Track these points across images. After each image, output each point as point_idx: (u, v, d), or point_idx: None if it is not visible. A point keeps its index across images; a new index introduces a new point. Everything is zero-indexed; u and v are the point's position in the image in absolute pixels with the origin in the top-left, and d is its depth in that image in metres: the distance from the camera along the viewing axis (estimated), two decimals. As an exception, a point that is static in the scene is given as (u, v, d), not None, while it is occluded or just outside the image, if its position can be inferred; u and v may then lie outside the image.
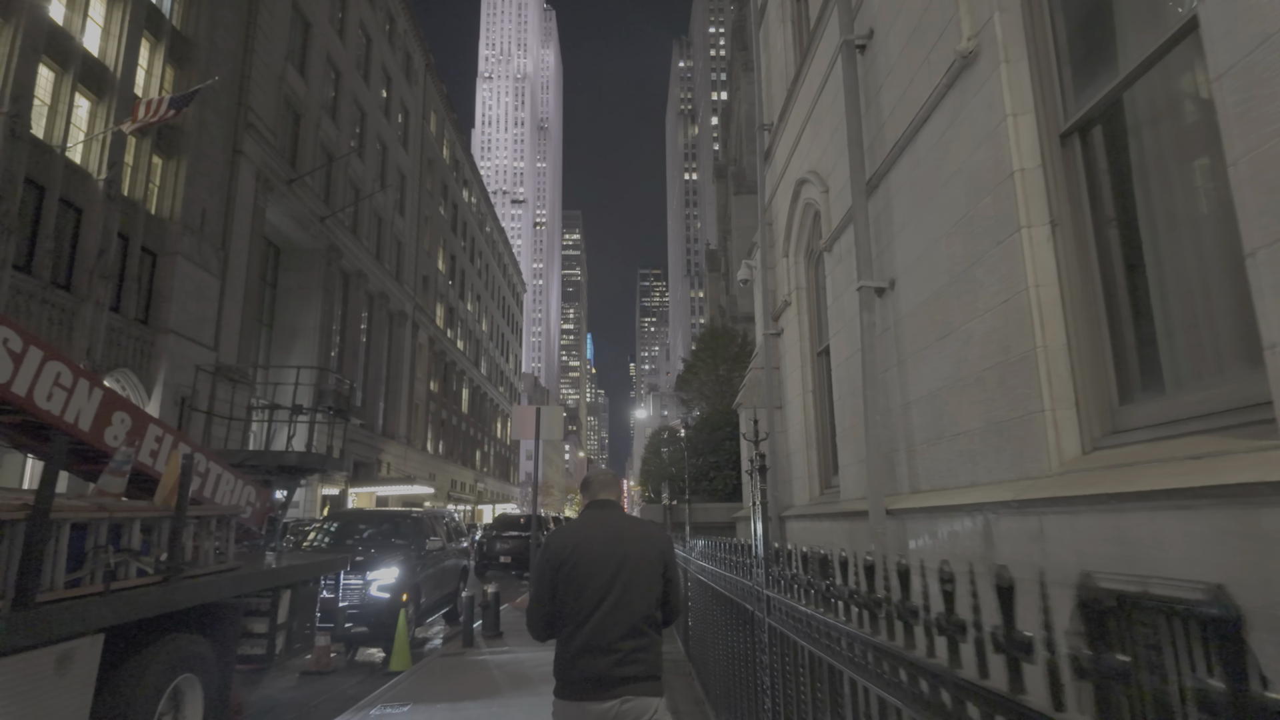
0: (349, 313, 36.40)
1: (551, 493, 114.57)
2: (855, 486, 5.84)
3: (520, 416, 10.76)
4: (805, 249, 7.85)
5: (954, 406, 4.23)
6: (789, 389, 8.23)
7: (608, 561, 2.82)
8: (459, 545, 11.87)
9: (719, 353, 26.46)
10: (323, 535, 9.28)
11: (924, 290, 4.64)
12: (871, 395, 4.96)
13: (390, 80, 42.68)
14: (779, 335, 8.55)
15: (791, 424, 8.14)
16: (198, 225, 23.38)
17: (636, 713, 2.69)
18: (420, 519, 9.43)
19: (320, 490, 32.10)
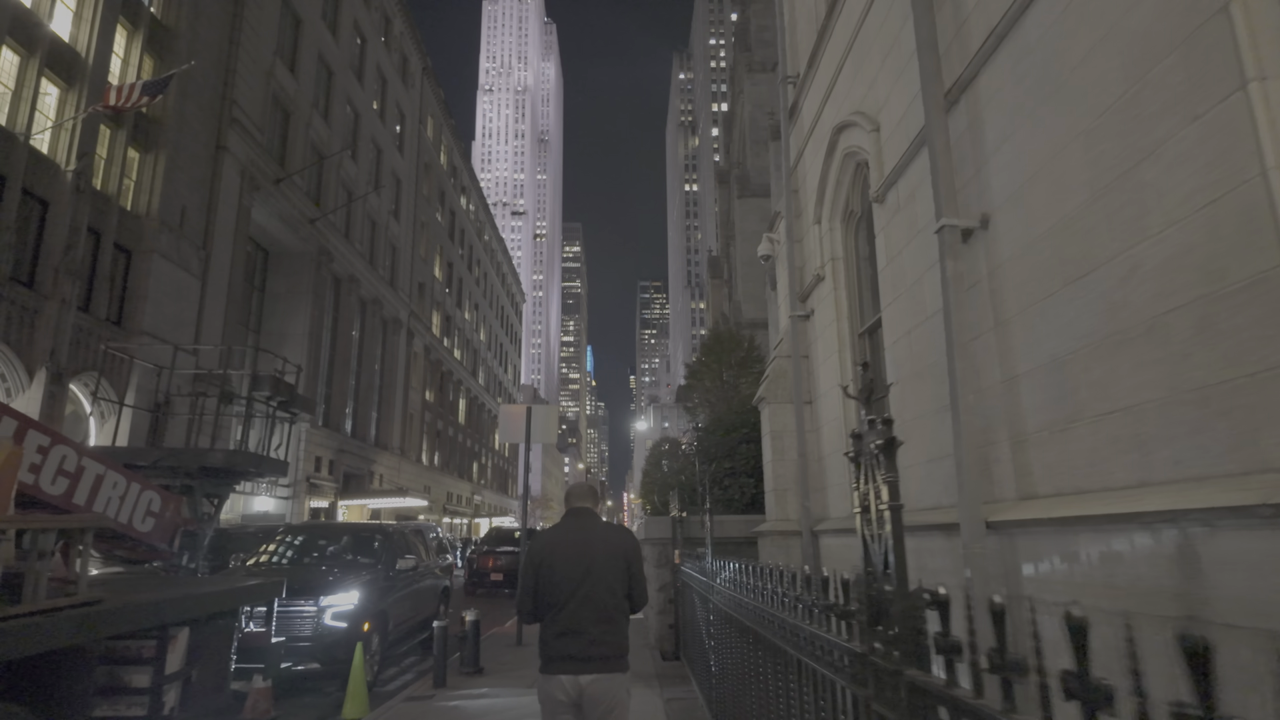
0: (340, 318, 35.20)
1: (550, 505, 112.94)
2: (926, 492, 4.57)
3: (509, 417, 9.51)
4: (843, 211, 6.61)
5: (1102, 374, 2.97)
6: (821, 380, 6.97)
7: (579, 561, 3.34)
8: (441, 562, 10.58)
9: (724, 358, 25.22)
10: (278, 553, 7.99)
11: (1042, 220, 3.39)
12: (962, 369, 3.70)
13: (386, 82, 41.72)
14: (808, 318, 7.30)
15: (825, 421, 6.88)
16: (176, 223, 22.21)
17: (603, 684, 3.22)
18: (391, 533, 8.14)
19: (308, 503, 30.76)
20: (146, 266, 20.93)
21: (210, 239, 23.95)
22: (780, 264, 7.84)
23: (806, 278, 7.32)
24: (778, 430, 7.17)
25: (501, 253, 77.43)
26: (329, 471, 32.98)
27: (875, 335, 6.26)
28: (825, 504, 6.85)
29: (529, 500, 65.90)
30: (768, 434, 7.33)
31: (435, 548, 10.62)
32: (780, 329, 7.91)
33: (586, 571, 3.32)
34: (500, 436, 9.01)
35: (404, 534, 8.61)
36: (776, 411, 7.22)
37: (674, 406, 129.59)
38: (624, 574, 3.40)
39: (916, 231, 4.71)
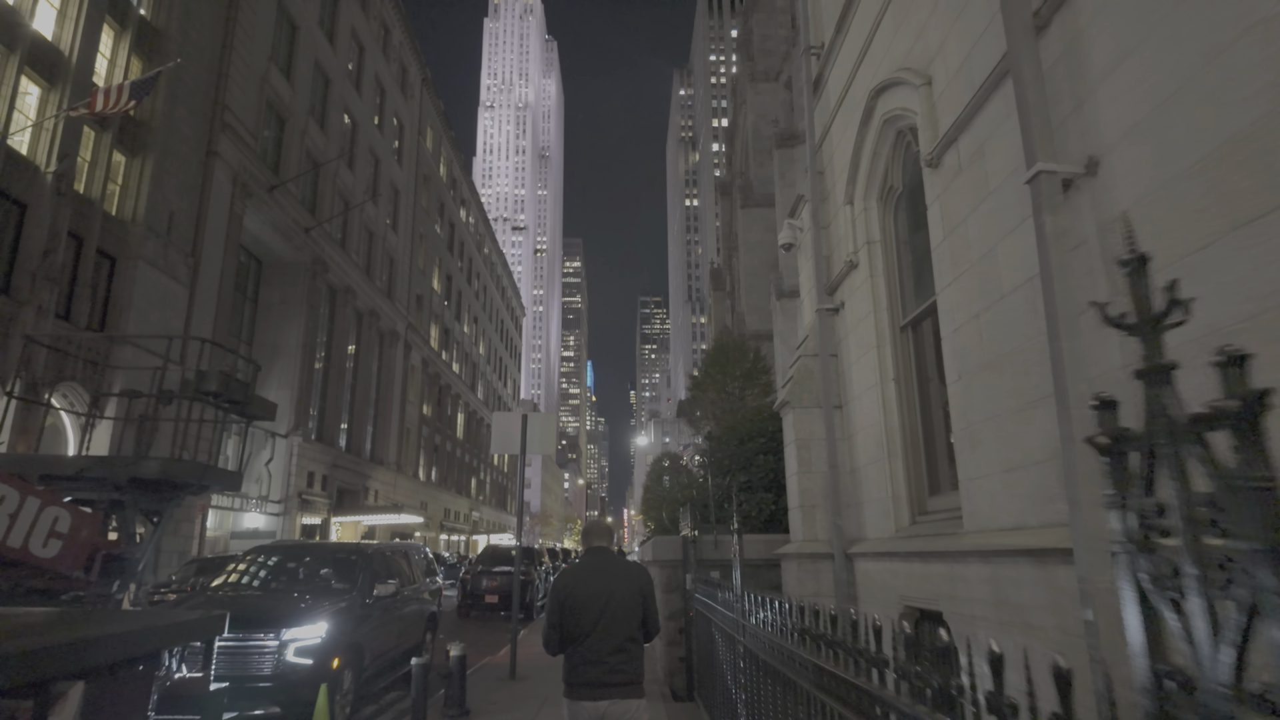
0: (336, 330, 34.42)
1: (550, 522, 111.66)
2: (1003, 509, 3.73)
3: (503, 426, 8.67)
4: (880, 188, 5.82)
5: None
6: (854, 381, 6.14)
7: (598, 596, 3.73)
8: (429, 585, 9.70)
9: (729, 369, 24.41)
10: (241, 578, 7.11)
11: (1188, 151, 2.59)
12: (1070, 352, 2.87)
13: (384, 92, 41.23)
14: (837, 312, 6.48)
15: (859, 427, 6.04)
16: (164, 229, 21.48)
17: (620, 708, 3.62)
18: (369, 555, 7.24)
19: (300, 520, 29.83)
20: (131, 273, 20.18)
21: (199, 246, 23.22)
22: (804, 253, 7.05)
23: (835, 266, 6.51)
24: (804, 438, 6.34)
25: (501, 266, 76.85)
26: (322, 487, 32.06)
27: (921, 328, 5.45)
28: (860, 522, 6.00)
29: (527, 517, 65.07)
30: (791, 443, 6.49)
31: (424, 568, 9.72)
32: (804, 325, 7.09)
33: (605, 606, 3.67)
34: (493, 448, 8.18)
35: (385, 555, 7.72)
36: (802, 417, 6.39)
37: (675, 421, 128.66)
38: (639, 607, 3.76)
39: (987, 193, 3.90)
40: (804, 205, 7.01)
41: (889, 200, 5.75)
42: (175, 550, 21.52)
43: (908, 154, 5.47)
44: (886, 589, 5.20)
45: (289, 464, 29.49)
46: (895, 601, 5.01)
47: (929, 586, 4.51)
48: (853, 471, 6.16)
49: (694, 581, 6.46)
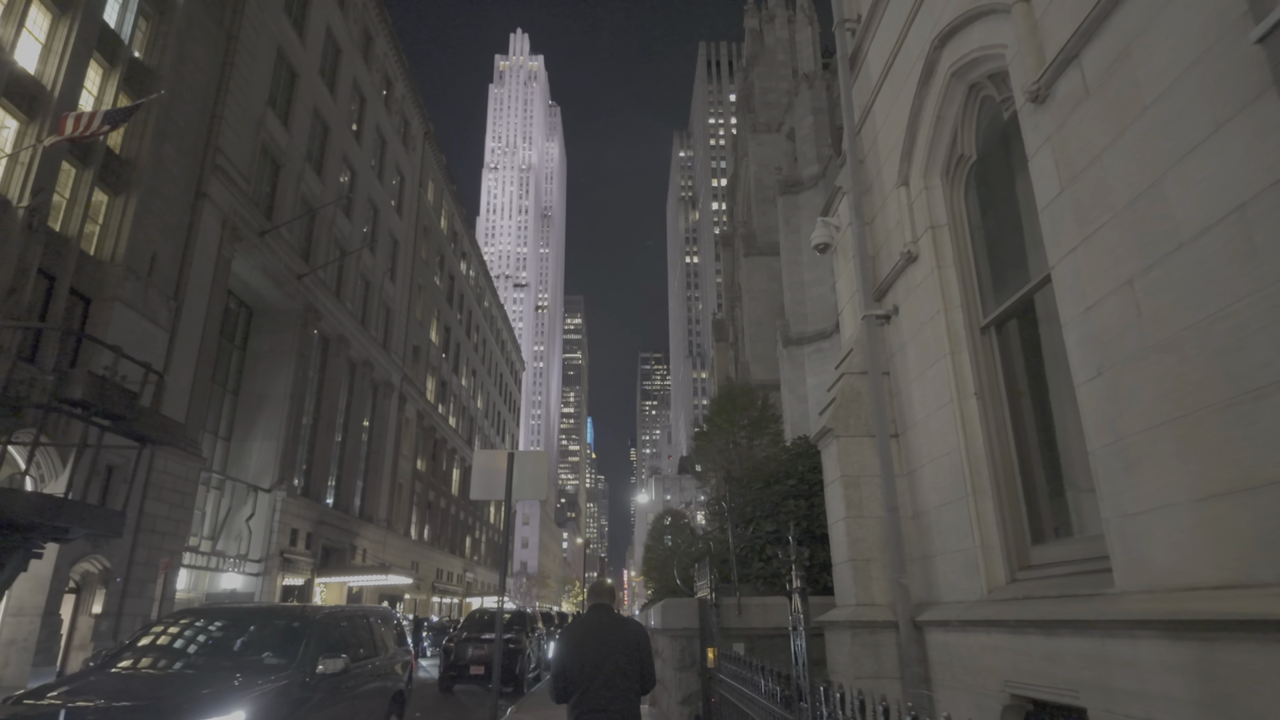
0: (327, 380, 33.27)
1: (548, 584, 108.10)
2: (1200, 556, 2.51)
3: (485, 467, 7.43)
4: (945, 161, 4.74)
5: None
6: (916, 402, 4.94)
7: (599, 650, 4.07)
8: (401, 656, 8.27)
9: (736, 417, 23.13)
10: (156, 647, 5.73)
11: None
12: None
13: (385, 143, 41.15)
14: (888, 320, 5.32)
15: (925, 459, 4.81)
16: (145, 270, 20.55)
17: None
18: (315, 621, 5.86)
19: (280, 580, 28.07)
20: (106, 315, 19.14)
21: (183, 290, 22.26)
22: (842, 255, 5.93)
23: (884, 265, 5.38)
24: (852, 475, 5.10)
25: (501, 320, 76.24)
26: (306, 545, 30.37)
27: (1006, 329, 4.28)
28: (931, 581, 4.71)
29: (524, 578, 62.55)
30: (836, 480, 5.25)
31: (395, 636, 8.30)
32: (846, 338, 5.91)
33: (605, 659, 4.03)
34: (474, 492, 6.92)
35: (338, 621, 6.34)
36: (849, 449, 5.16)
37: (676, 478, 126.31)
38: (636, 661, 4.11)
39: (1141, 109, 2.79)
40: (841, 199, 5.93)
41: (957, 174, 4.66)
42: (139, 614, 19.86)
43: (984, 110, 4.41)
44: (980, 670, 3.88)
45: (271, 520, 27.91)
46: (996, 688, 3.70)
47: (1057, 671, 3.21)
48: (917, 516, 4.89)
49: (719, 658, 5.11)
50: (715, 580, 5.51)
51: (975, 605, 4.04)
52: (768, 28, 42.11)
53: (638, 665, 4.08)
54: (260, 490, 27.70)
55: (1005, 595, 3.86)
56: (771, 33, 41.12)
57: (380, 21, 39.95)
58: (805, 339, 28.63)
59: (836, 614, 5.18)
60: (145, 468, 20.50)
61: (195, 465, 22.70)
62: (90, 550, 18.29)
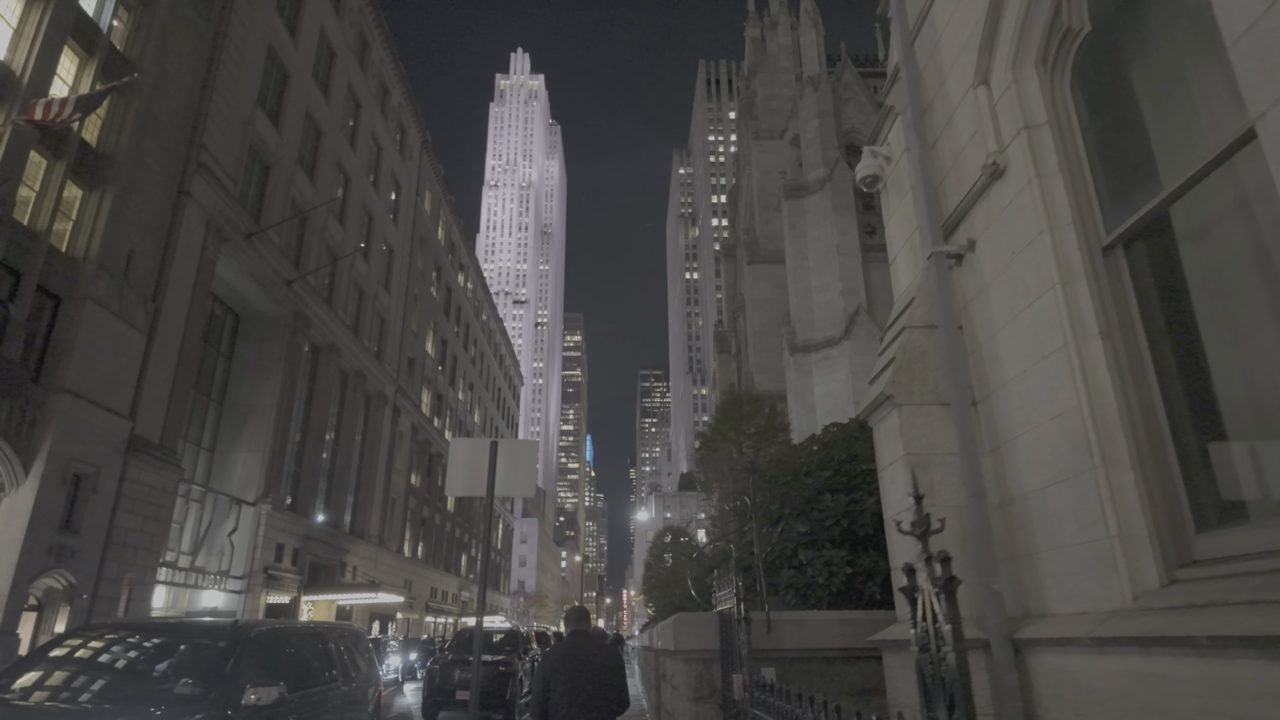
0: (317, 390, 32.15)
1: (546, 604, 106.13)
2: None
3: (463, 458, 6.34)
4: (1043, 47, 3.69)
5: None
6: (1005, 357, 3.85)
7: (577, 672, 4.44)
8: (371, 680, 7.12)
9: (742, 426, 22.02)
10: (58, 669, 4.58)
11: None
12: None
13: (381, 150, 40.36)
14: (959, 262, 4.26)
15: (1021, 428, 3.71)
16: (121, 269, 19.52)
17: None
18: (247, 640, 4.68)
19: (264, 598, 26.75)
20: (77, 315, 18.07)
21: (163, 291, 21.22)
22: (894, 190, 4.87)
23: (952, 194, 4.33)
24: (919, 453, 4.00)
25: (500, 334, 75.24)
26: (293, 561, 29.08)
27: (1136, 251, 3.21)
28: (1033, 586, 3.59)
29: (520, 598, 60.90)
30: (896, 462, 4.15)
31: (359, 659, 7.13)
32: (902, 289, 4.82)
33: (583, 683, 4.36)
34: (449, 487, 5.81)
35: (281, 641, 5.18)
36: (914, 421, 4.07)
37: (677, 496, 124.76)
38: (610, 682, 4.46)
39: None
40: (892, 122, 4.88)
41: (1060, 57, 3.61)
42: (107, 634, 18.58)
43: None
44: (1129, 711, 2.76)
45: (255, 535, 26.66)
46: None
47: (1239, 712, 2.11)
48: (1006, 505, 3.79)
49: (752, 689, 3.97)
50: (754, 586, 4.37)
51: (1117, 617, 2.92)
52: (770, 35, 41.54)
53: (614, 689, 4.44)
54: (244, 504, 26.48)
55: (1167, 602, 2.75)
56: (774, 39, 40.53)
57: (376, 27, 39.33)
58: (812, 346, 27.61)
59: (895, 631, 4.05)
60: (118, 477, 19.33)
61: (173, 476, 21.53)
62: (53, 565, 17.07)
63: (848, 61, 35.82)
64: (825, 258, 28.41)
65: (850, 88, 34.94)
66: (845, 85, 34.69)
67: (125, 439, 19.60)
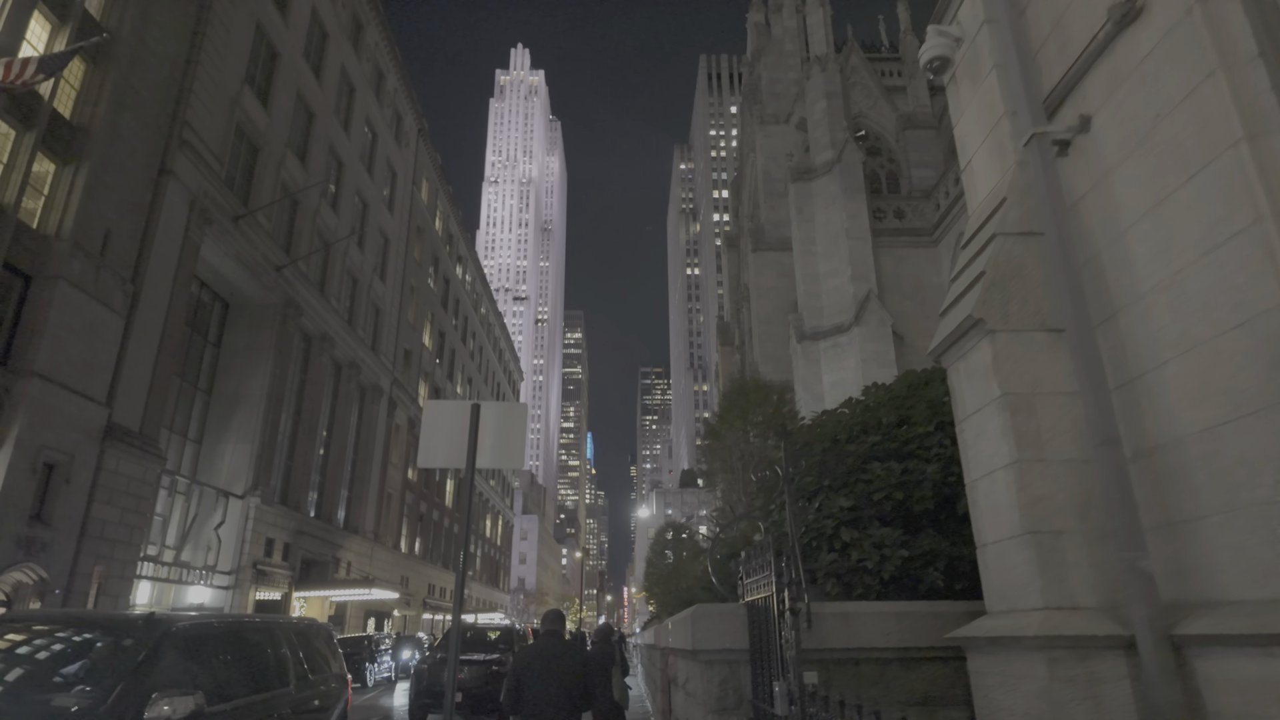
0: (309, 381, 31.19)
1: (546, 601, 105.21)
2: None
3: (439, 422, 5.39)
4: None
5: None
6: (1139, 261, 2.88)
7: (546, 670, 4.80)
8: (331, 683, 6.17)
9: (749, 414, 21.03)
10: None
11: None
12: None
13: (376, 136, 39.36)
14: (1067, 147, 3.29)
15: (1174, 349, 2.75)
16: (96, 248, 18.56)
17: None
18: (161, 637, 3.67)
19: (253, 594, 25.82)
20: (48, 295, 17.12)
21: (142, 273, 20.26)
22: (967, 75, 3.90)
23: (1054, 64, 3.36)
24: (1020, 393, 3.04)
25: (499, 328, 74.26)
26: (283, 557, 28.15)
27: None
28: (1200, 562, 2.62)
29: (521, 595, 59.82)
30: (991, 407, 3.16)
31: (330, 655, 6.17)
32: (982, 195, 3.83)
33: (549, 678, 4.71)
34: (422, 457, 4.82)
35: (206, 639, 4.21)
36: (1012, 353, 3.10)
37: (678, 493, 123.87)
38: (579, 678, 4.81)
39: None
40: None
41: None
42: (83, 631, 17.65)
43: None
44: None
45: (243, 529, 25.74)
46: None
47: None
48: (1149, 455, 2.83)
49: (797, 701, 3.01)
50: (788, 572, 3.40)
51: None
52: (775, 18, 40.49)
53: (579, 684, 4.75)
54: (232, 496, 25.54)
55: None
56: (779, 22, 39.49)
57: (371, 10, 38.31)
58: (821, 333, 26.60)
59: (989, 626, 3.09)
60: (93, 467, 18.38)
61: (154, 466, 20.58)
62: (22, 558, 16.13)
63: (855, 45, 34.79)
64: (834, 242, 27.40)
65: (857, 72, 33.92)
66: (852, 69, 33.67)
67: (102, 427, 18.65)
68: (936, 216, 27.82)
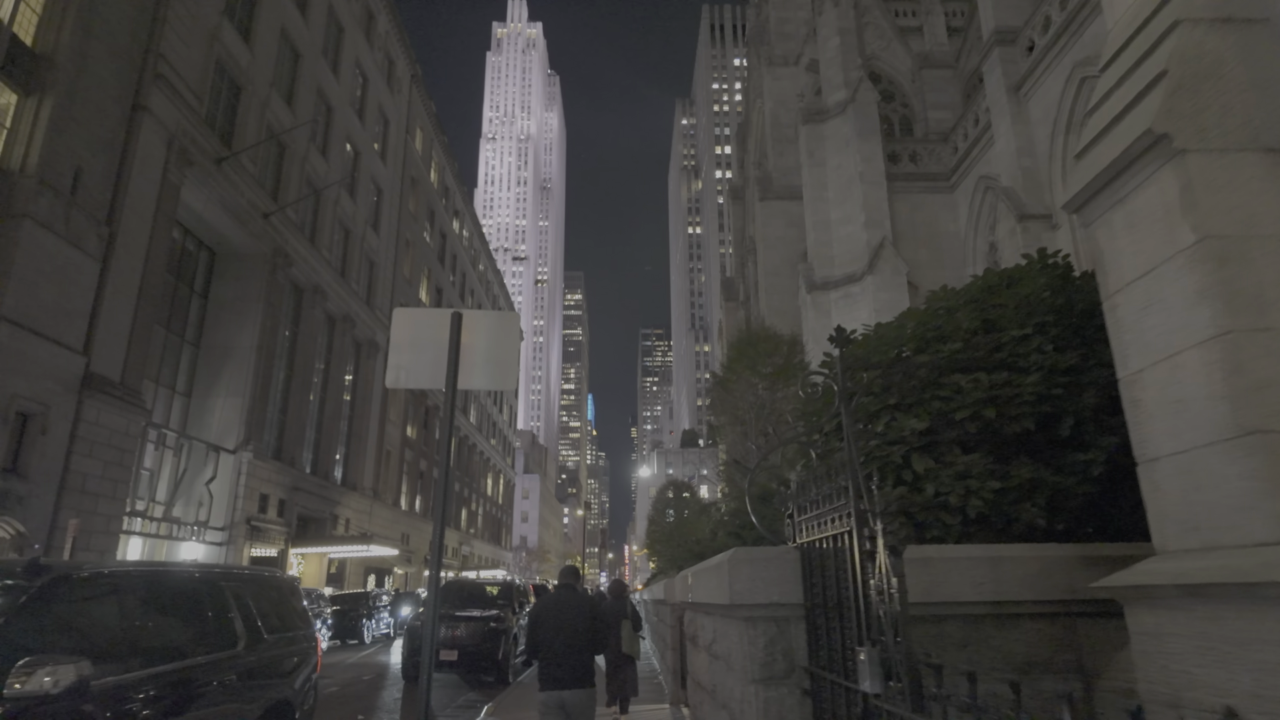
0: (301, 334, 30.23)
1: (548, 558, 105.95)
2: None
3: (411, 334, 4.41)
4: None
5: None
6: None
7: (560, 619, 5.23)
8: (299, 642, 5.37)
9: (759, 364, 20.17)
10: None
11: None
12: None
13: (367, 81, 37.71)
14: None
15: None
16: (66, 187, 17.43)
17: (577, 696, 5.07)
18: (40, 587, 2.84)
19: (248, 550, 25.25)
20: (13, 235, 16.06)
21: (118, 215, 19.15)
22: None
23: None
24: (1229, 238, 2.09)
25: (499, 286, 73.00)
26: (279, 513, 27.54)
27: None
28: None
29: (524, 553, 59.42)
30: (1178, 261, 2.19)
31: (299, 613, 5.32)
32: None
33: (564, 626, 5.16)
34: (390, 377, 3.81)
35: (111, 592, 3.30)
36: (1211, 178, 2.15)
37: (679, 453, 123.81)
38: (588, 629, 5.22)
39: None
40: None
41: None
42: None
43: None
44: None
45: (236, 484, 25.05)
46: None
47: None
48: None
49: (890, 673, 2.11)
50: (875, 496, 2.47)
51: None
52: (784, -45, 38.41)
53: (590, 632, 5.21)
54: (223, 451, 24.80)
55: None
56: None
57: (359, -56, 36.33)
58: (832, 283, 25.53)
59: (1197, 567, 2.16)
60: (71, 418, 17.54)
61: (137, 418, 19.75)
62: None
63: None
64: (847, 187, 26.14)
65: (870, 11, 32.18)
66: (864, 9, 31.94)
67: (79, 376, 17.76)
68: (954, 160, 26.51)
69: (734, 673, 3.67)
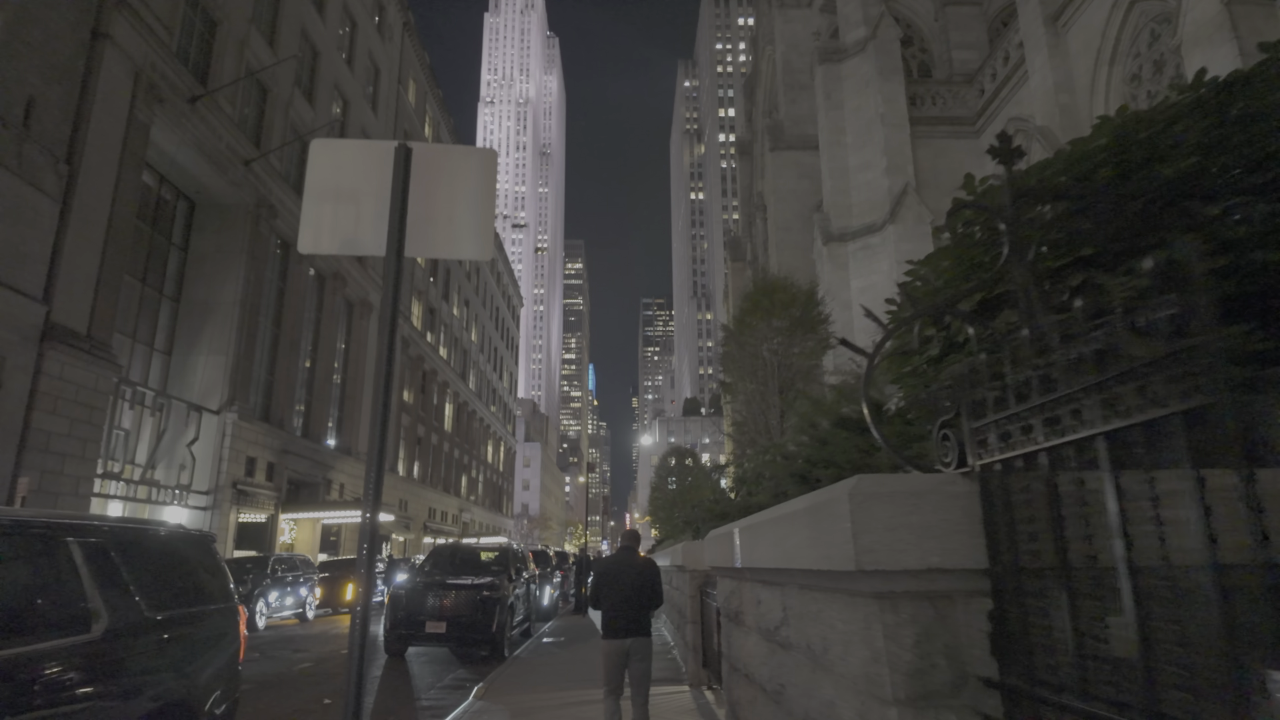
0: (289, 290, 28.77)
1: (550, 526, 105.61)
2: None
3: (331, 172, 2.88)
4: None
5: None
6: None
7: (621, 577, 5.94)
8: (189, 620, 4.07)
9: (774, 315, 18.69)
10: None
11: None
12: None
13: (355, 25, 35.69)
14: None
15: None
16: (17, 118, 15.86)
17: (638, 644, 5.76)
18: None
19: (234, 514, 24.11)
20: (-43, 168, 14.52)
21: (79, 152, 17.58)
22: None
23: None
24: None
25: (497, 250, 71.18)
26: (267, 477, 26.35)
27: None
28: None
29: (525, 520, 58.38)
30: None
31: (215, 579, 3.96)
32: None
33: (624, 582, 5.89)
34: (302, 241, 2.27)
35: None
36: None
37: (680, 421, 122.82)
38: (647, 586, 5.94)
39: None
40: None
41: None
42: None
43: None
44: None
45: (220, 446, 23.81)
46: None
47: None
48: None
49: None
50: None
51: None
52: (796, -110, 36.01)
53: (648, 589, 5.89)
54: (206, 411, 23.50)
55: None
56: (801, -107, 35.11)
57: (344, -125, 34.05)
58: (850, 234, 23.98)
59: None
60: (31, 371, 16.18)
61: (107, 374, 18.39)
62: (-54, 471, 14.12)
63: (888, -85, 30.81)
64: (867, 131, 24.44)
65: (889, -53, 30.15)
66: (884, -55, 29.91)
67: (38, 326, 16.35)
68: (980, 103, 24.76)
69: (834, 677, 2.29)
